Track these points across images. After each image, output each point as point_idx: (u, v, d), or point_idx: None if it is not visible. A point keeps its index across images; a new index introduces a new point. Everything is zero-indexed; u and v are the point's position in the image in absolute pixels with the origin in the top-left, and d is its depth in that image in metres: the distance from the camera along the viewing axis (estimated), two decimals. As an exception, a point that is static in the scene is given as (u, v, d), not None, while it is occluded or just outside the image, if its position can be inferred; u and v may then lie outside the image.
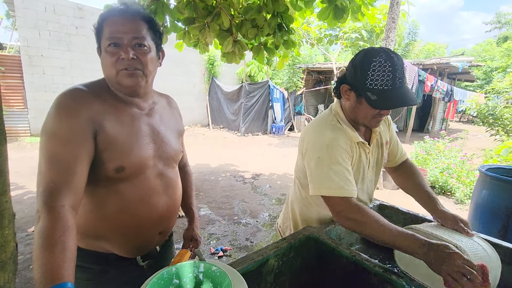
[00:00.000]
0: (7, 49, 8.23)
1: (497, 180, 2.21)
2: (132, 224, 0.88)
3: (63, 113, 0.76)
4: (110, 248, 0.90)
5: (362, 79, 0.95)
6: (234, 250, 2.76)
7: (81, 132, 0.76)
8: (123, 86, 0.85)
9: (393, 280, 0.79)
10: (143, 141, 0.88)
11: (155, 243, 0.98)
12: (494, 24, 30.42)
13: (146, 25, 0.85)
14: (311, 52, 14.31)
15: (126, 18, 0.82)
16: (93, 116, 0.78)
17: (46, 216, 0.66)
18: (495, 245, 1.03)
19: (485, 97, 6.84)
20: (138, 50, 0.83)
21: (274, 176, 5.26)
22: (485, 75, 20.62)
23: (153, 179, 0.90)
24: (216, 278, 0.66)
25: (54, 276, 0.58)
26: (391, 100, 0.92)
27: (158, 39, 0.90)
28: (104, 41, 0.82)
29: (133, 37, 0.81)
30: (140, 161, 0.86)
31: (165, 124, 0.98)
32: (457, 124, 17.36)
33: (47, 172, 0.71)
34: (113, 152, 0.81)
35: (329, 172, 0.98)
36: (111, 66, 0.82)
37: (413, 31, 25.60)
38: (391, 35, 4.07)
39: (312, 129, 1.10)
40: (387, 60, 0.91)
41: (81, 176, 0.74)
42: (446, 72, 10.69)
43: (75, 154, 0.74)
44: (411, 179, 1.23)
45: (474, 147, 7.52)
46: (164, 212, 0.94)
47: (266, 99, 9.63)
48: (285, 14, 2.21)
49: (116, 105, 0.85)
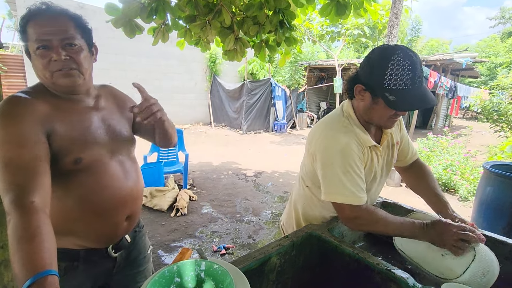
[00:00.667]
0: (9, 49, 8.27)
1: (501, 177, 2.19)
2: (96, 211, 0.88)
3: (8, 121, 0.75)
4: (78, 242, 0.89)
5: (379, 79, 0.90)
6: (236, 248, 2.77)
7: (32, 134, 0.75)
8: (60, 86, 0.84)
9: (396, 277, 0.79)
10: (95, 132, 0.89)
11: (123, 230, 0.98)
12: (498, 19, 30.10)
13: (73, 23, 0.83)
14: (313, 49, 14.24)
15: (52, 19, 0.80)
16: (40, 118, 0.78)
17: (18, 215, 0.64)
18: (500, 242, 1.02)
19: (489, 93, 6.78)
20: (69, 50, 0.81)
21: (276, 174, 5.26)
22: (489, 71, 20.43)
23: (112, 166, 0.91)
24: (218, 276, 0.66)
25: (37, 266, 0.57)
26: (411, 100, 0.88)
27: (88, 36, 0.89)
28: (32, 44, 0.79)
29: (62, 38, 0.80)
30: (96, 151, 0.87)
31: (112, 114, 0.99)
32: (461, 120, 17.24)
33: (7, 177, 0.70)
34: (68, 148, 0.81)
35: (342, 179, 0.97)
36: (44, 69, 0.80)
37: (416, 27, 25.41)
38: (393, 31, 4.03)
39: (324, 132, 1.06)
40: (405, 58, 0.87)
41: (44, 174, 0.74)
42: (450, 68, 10.60)
43: (32, 155, 0.73)
44: (422, 180, 1.20)
45: (478, 144, 7.46)
46: (128, 196, 0.95)
47: (268, 97, 9.60)
48: (287, 11, 2.19)
49: (61, 105, 0.85)
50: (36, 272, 0.56)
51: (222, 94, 10.42)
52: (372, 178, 1.11)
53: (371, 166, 1.08)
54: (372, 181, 1.13)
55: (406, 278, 0.77)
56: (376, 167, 1.10)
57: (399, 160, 1.27)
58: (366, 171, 1.07)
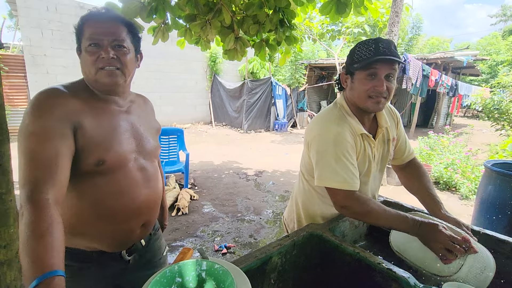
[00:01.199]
0: (10, 49, 8.28)
1: (503, 176, 2.18)
2: (111, 216, 0.89)
3: (38, 112, 0.77)
4: (91, 244, 0.90)
5: (350, 59, 1.04)
6: (238, 247, 2.77)
7: (58, 128, 0.76)
8: (102, 84, 0.87)
9: (398, 277, 0.79)
10: (122, 136, 0.90)
11: (138, 236, 0.99)
12: (500, 17, 29.99)
13: (125, 28, 0.89)
14: (313, 48, 14.21)
15: (107, 21, 0.87)
16: (69, 113, 0.80)
17: (31, 210, 0.65)
18: (501, 241, 1.02)
19: (490, 92, 6.76)
20: (117, 50, 0.86)
21: (277, 173, 5.25)
22: (490, 69, 20.35)
23: (134, 172, 0.92)
24: (219, 276, 0.66)
25: (44, 265, 0.57)
26: (370, 59, 0.97)
27: (136, 43, 0.95)
28: (85, 41, 0.85)
29: (113, 39, 0.85)
30: (120, 155, 0.88)
31: (143, 121, 1.02)
32: (462, 119, 17.20)
33: (28, 169, 0.72)
34: (93, 147, 0.82)
35: (335, 165, 1.01)
36: (91, 65, 0.85)
37: (417, 25, 25.30)
38: (394, 29, 4.02)
39: (319, 122, 1.12)
40: (371, 39, 1.01)
41: (64, 171, 0.75)
42: (451, 67, 10.56)
43: (55, 150, 0.74)
44: (417, 180, 1.22)
45: (479, 142, 7.44)
46: (145, 204, 0.95)
47: (268, 96, 9.59)
48: (287, 9, 2.19)
49: (94, 103, 0.88)
50: (43, 271, 0.56)
51: (222, 93, 10.41)
52: (366, 169, 1.13)
53: (364, 156, 1.11)
54: (367, 172, 1.15)
55: (407, 277, 0.77)
56: (370, 157, 1.13)
57: (396, 158, 1.30)
58: (360, 160, 1.10)
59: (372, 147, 1.13)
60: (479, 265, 0.83)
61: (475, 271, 0.82)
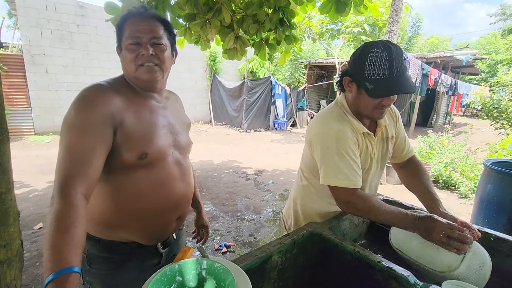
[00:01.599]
0: (9, 48, 8.26)
1: (502, 174, 2.18)
2: (152, 209, 0.92)
3: (83, 106, 0.80)
4: (130, 237, 0.94)
5: (360, 70, 0.98)
6: (237, 246, 2.77)
7: (99, 124, 0.79)
8: (141, 80, 0.91)
9: (398, 275, 0.79)
10: (162, 130, 0.94)
11: (173, 229, 1.03)
12: (499, 16, 29.99)
13: (162, 26, 0.93)
14: (313, 47, 14.19)
15: (145, 20, 0.90)
16: (113, 110, 0.83)
17: (60, 202, 0.68)
18: (501, 240, 1.02)
19: (489, 91, 6.76)
20: (156, 47, 0.90)
21: (277, 172, 5.26)
22: (490, 68, 20.34)
23: (172, 166, 0.96)
24: (219, 275, 0.66)
25: (62, 261, 0.60)
26: (387, 88, 0.95)
27: (172, 40, 1.00)
28: (125, 39, 0.89)
29: (152, 37, 0.89)
30: (160, 149, 0.91)
31: (177, 117, 1.05)
32: (461, 118, 17.21)
33: (64, 161, 0.75)
34: (135, 141, 0.85)
35: (338, 162, 1.02)
36: (131, 62, 0.88)
37: (416, 24, 25.30)
38: (394, 28, 4.02)
39: (320, 121, 1.13)
40: (384, 50, 0.94)
41: (96, 167, 0.77)
42: (450, 66, 10.57)
43: (92, 145, 0.77)
44: (416, 178, 1.23)
45: (479, 141, 7.45)
46: (181, 197, 0.99)
47: (268, 95, 9.59)
48: (287, 8, 2.19)
49: (135, 99, 0.91)
50: (61, 267, 0.58)
51: (222, 92, 10.40)
52: (368, 166, 1.15)
53: (366, 153, 1.12)
54: (368, 170, 1.16)
55: (407, 276, 0.78)
56: (371, 155, 1.14)
57: (395, 156, 1.30)
58: (363, 158, 1.11)
59: (373, 144, 1.15)
60: (478, 261, 0.84)
61: (474, 267, 0.83)
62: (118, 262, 0.93)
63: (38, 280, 2.19)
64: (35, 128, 7.41)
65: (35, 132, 7.41)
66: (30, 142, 6.90)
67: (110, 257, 0.93)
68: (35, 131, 7.42)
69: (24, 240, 1.38)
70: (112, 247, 0.93)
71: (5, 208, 1.25)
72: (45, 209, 3.42)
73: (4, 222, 1.25)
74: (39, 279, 2.20)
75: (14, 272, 1.33)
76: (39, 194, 3.89)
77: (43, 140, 7.02)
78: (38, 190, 4.01)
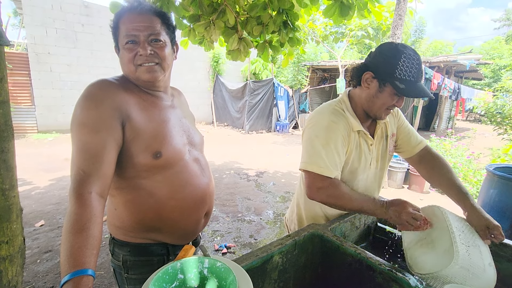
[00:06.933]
0: (14, 47, 8.33)
1: (505, 180, 2.18)
2: (180, 209, 0.92)
3: (90, 103, 0.78)
4: (164, 239, 0.94)
5: (391, 68, 0.98)
6: (238, 247, 2.77)
7: (108, 120, 0.78)
8: (142, 81, 0.88)
9: (398, 278, 0.79)
10: (174, 130, 0.92)
11: (201, 226, 1.03)
12: (503, 21, 29.93)
13: (159, 20, 0.88)
14: (316, 49, 14.23)
15: (141, 15, 0.85)
16: (119, 105, 0.81)
17: (75, 202, 0.68)
18: (503, 245, 1.02)
19: (493, 96, 6.74)
20: (154, 45, 0.86)
21: (278, 174, 5.25)
22: (493, 73, 20.29)
23: (191, 164, 0.95)
24: (220, 273, 0.66)
25: (76, 262, 0.60)
26: (416, 89, 0.98)
27: (172, 33, 0.94)
28: (122, 39, 0.85)
29: (149, 34, 0.84)
30: (176, 149, 0.89)
31: (185, 114, 1.04)
32: (464, 122, 17.14)
33: (77, 160, 0.74)
34: (147, 140, 0.83)
35: (321, 151, 1.03)
36: (129, 62, 0.85)
37: (420, 28, 25.30)
38: (397, 32, 4.02)
39: (316, 113, 1.14)
40: (415, 54, 0.98)
41: (109, 164, 0.76)
42: (453, 70, 10.54)
43: (102, 142, 0.76)
44: (435, 171, 1.16)
45: (481, 146, 7.41)
46: (206, 192, 0.99)
47: (270, 97, 9.60)
48: (291, 11, 2.19)
49: (142, 96, 0.89)
50: (75, 269, 0.59)
51: (225, 93, 10.43)
52: (363, 165, 1.13)
53: (359, 152, 1.12)
54: (363, 169, 1.14)
55: (408, 278, 0.78)
56: (366, 154, 1.13)
57: (403, 150, 1.26)
58: (354, 156, 1.11)
59: (370, 144, 1.14)
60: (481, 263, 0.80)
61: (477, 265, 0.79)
62: (156, 263, 0.93)
63: (38, 277, 2.20)
64: (38, 126, 7.45)
65: (38, 130, 7.46)
66: (33, 140, 6.94)
67: (148, 260, 0.92)
68: (38, 129, 7.46)
69: (25, 237, 1.39)
70: (147, 250, 0.92)
71: (9, 205, 1.26)
72: (46, 206, 3.44)
73: (7, 218, 1.26)
74: (39, 276, 2.21)
75: (16, 268, 1.33)
76: (41, 191, 3.91)
77: (46, 138, 7.06)
78: (40, 188, 4.03)
